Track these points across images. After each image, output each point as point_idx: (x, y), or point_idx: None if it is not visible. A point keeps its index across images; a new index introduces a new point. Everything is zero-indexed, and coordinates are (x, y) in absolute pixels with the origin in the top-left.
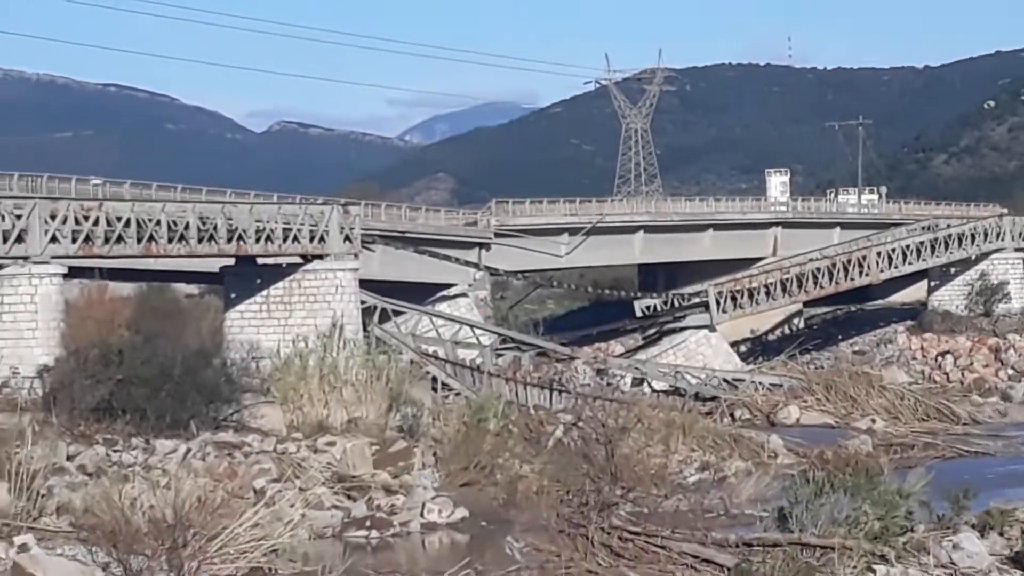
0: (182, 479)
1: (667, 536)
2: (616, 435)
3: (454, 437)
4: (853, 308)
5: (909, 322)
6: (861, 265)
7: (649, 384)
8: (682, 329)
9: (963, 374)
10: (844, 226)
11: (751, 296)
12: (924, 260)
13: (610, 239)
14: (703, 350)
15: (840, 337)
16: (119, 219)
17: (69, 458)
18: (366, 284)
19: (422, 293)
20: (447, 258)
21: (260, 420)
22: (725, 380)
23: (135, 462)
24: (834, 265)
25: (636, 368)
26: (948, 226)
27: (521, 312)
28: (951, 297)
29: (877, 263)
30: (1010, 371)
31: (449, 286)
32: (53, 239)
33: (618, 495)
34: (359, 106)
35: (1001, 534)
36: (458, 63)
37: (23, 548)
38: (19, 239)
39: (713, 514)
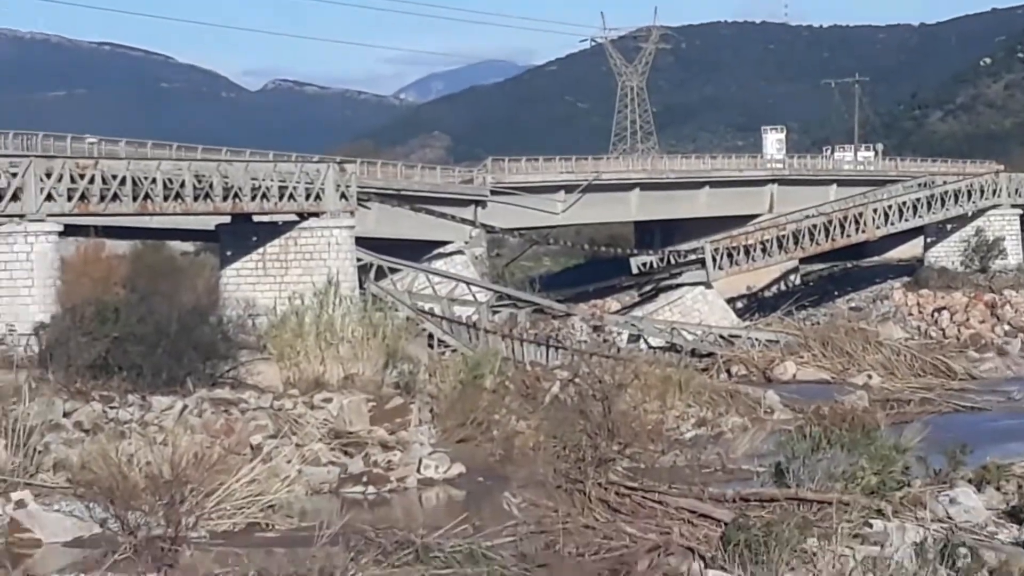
0: (179, 435)
1: (664, 491)
2: (613, 391)
3: (450, 393)
4: (849, 265)
5: (905, 278)
6: (857, 222)
7: (646, 340)
8: (678, 286)
9: (959, 330)
10: (840, 183)
11: (747, 253)
12: (920, 217)
13: (606, 196)
14: (699, 307)
15: (836, 293)
16: (115, 177)
17: (66, 415)
18: (362, 242)
19: (418, 251)
20: (443, 216)
21: (256, 377)
22: (721, 336)
23: (132, 419)
24: (830, 222)
25: (632, 324)
26: (944, 183)
27: (517, 269)
28: (947, 253)
29: (873, 220)
30: (1006, 327)
31: (445, 243)
32: (49, 197)
33: (615, 451)
34: (355, 64)
35: (998, 489)
36: (454, 21)
37: (20, 504)
38: (15, 197)
39: (710, 469)
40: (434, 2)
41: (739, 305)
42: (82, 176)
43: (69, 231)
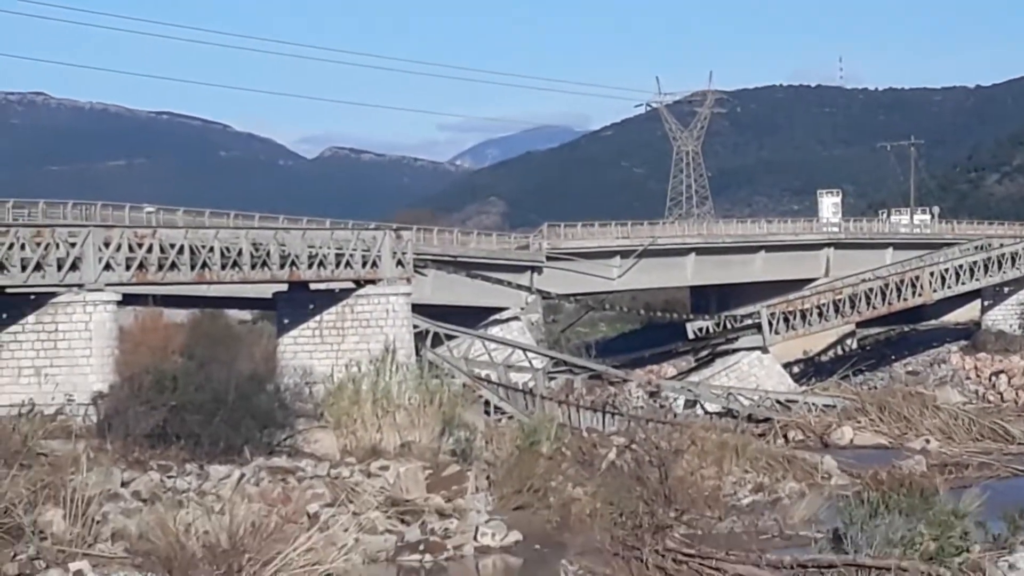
0: (236, 504)
1: (721, 558)
2: (669, 457)
3: (507, 460)
4: (906, 328)
5: (963, 342)
6: (914, 285)
7: (702, 406)
8: (735, 351)
9: (1017, 393)
10: (897, 246)
11: (804, 317)
12: (977, 280)
13: (662, 262)
14: (756, 371)
15: (893, 357)
16: (172, 246)
17: (124, 484)
18: (418, 308)
19: (474, 317)
20: (499, 282)
21: (313, 445)
22: (778, 401)
23: (189, 488)
24: (887, 285)
25: (689, 390)
26: (1001, 245)
27: (573, 335)
28: (1004, 316)
29: (930, 283)
30: None
31: (501, 310)
32: (107, 267)
33: (672, 517)
34: (410, 131)
35: None
36: (509, 87)
37: (78, 574)
38: (73, 267)
39: (767, 536)
40: (489, 68)
41: (796, 370)
42: (140, 245)
43: (127, 300)
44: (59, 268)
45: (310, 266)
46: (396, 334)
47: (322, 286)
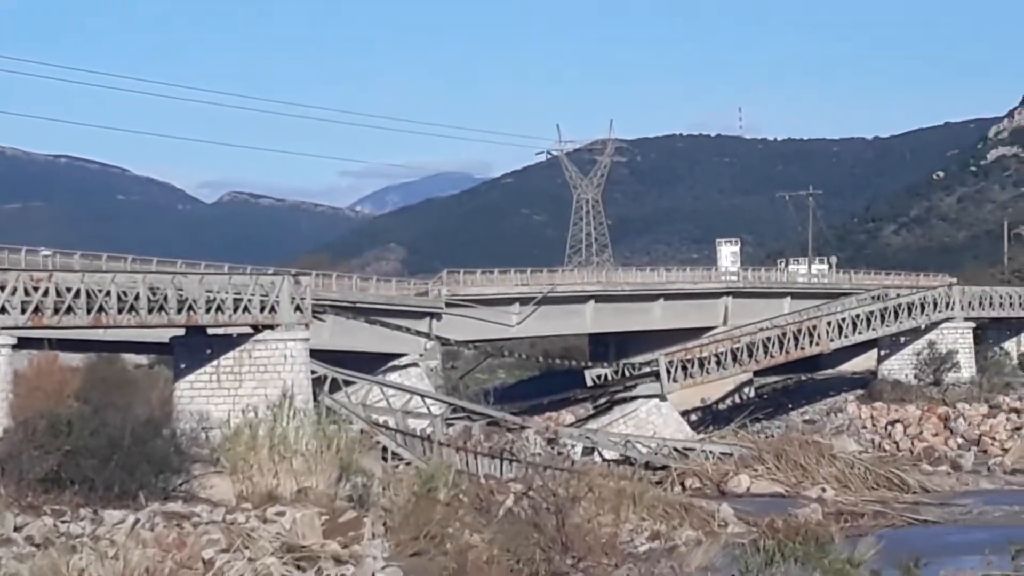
0: (130, 550)
1: None
2: (567, 504)
3: (404, 506)
4: (803, 377)
5: (859, 391)
6: (811, 335)
7: (600, 453)
8: (633, 398)
9: (913, 443)
10: (794, 296)
11: (702, 365)
12: (874, 330)
13: (561, 309)
14: (654, 419)
15: (790, 406)
16: (69, 290)
17: (17, 529)
18: (317, 354)
19: (373, 363)
20: (398, 328)
21: (209, 490)
22: (676, 449)
23: (83, 533)
24: (784, 335)
25: (587, 437)
26: (898, 296)
27: (472, 382)
28: (901, 366)
29: (827, 333)
30: (959, 440)
31: (400, 356)
32: (2, 310)
33: (569, 564)
34: (310, 177)
35: None
36: (409, 134)
37: None
38: None
39: None
40: (391, 115)
41: (693, 418)
42: (36, 289)
43: (22, 344)
44: None
45: (208, 311)
46: (294, 379)
47: (220, 331)
